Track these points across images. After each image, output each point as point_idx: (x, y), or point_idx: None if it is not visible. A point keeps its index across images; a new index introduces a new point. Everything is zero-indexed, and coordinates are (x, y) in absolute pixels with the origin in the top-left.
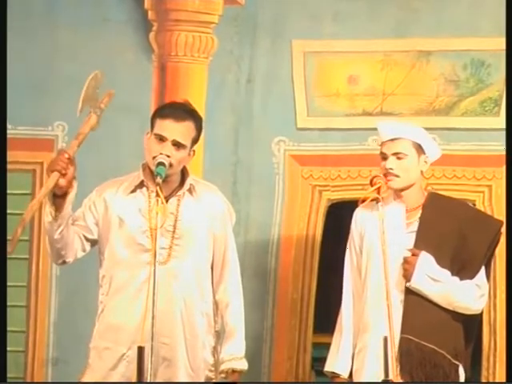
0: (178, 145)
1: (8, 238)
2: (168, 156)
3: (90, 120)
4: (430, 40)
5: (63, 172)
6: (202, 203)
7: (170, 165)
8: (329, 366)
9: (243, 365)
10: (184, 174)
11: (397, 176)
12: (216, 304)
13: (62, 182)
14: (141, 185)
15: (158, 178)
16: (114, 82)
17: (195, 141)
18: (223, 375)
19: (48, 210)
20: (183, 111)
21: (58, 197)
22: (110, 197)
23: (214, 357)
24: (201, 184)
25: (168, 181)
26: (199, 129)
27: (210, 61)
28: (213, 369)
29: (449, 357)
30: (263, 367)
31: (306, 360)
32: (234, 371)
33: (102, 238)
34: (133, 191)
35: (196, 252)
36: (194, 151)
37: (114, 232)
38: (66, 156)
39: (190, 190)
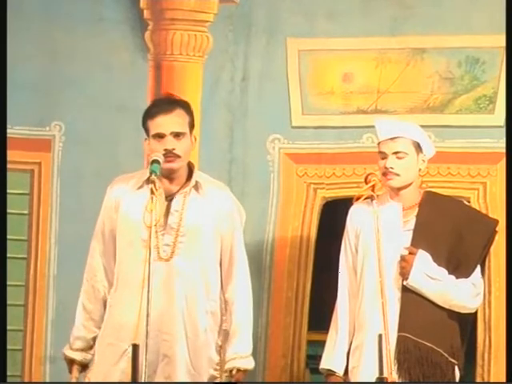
0: (177, 135)
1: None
2: (173, 149)
3: None
4: (425, 37)
5: None
6: (209, 201)
7: (178, 156)
8: (324, 364)
9: (248, 363)
10: (191, 169)
11: (397, 175)
12: (225, 303)
13: None
14: (148, 181)
15: (153, 175)
16: (110, 81)
17: (192, 125)
18: (226, 374)
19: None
20: (169, 103)
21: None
22: (119, 193)
23: (219, 356)
24: (209, 181)
25: (175, 177)
26: (191, 113)
27: (205, 59)
28: (218, 368)
29: (446, 355)
30: (258, 365)
31: (300, 358)
32: (238, 370)
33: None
34: (140, 187)
35: (202, 250)
36: (195, 137)
37: (120, 227)
38: None
39: (196, 187)
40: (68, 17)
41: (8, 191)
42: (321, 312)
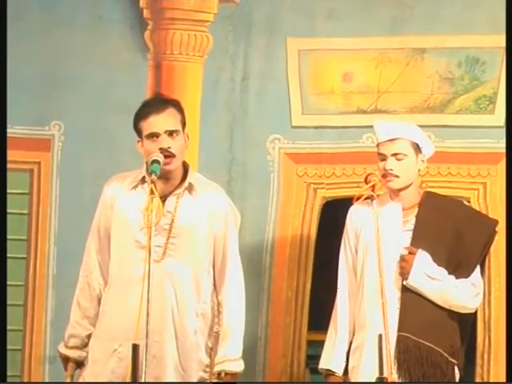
0: (171, 133)
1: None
2: (169, 147)
3: None
4: (425, 37)
5: None
6: (202, 202)
7: (174, 155)
8: (323, 364)
9: (237, 366)
10: (186, 170)
11: (397, 176)
12: (218, 305)
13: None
14: (142, 181)
15: (153, 175)
16: (110, 80)
17: (184, 123)
18: (214, 376)
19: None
20: (160, 102)
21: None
22: (114, 191)
23: (210, 358)
24: (204, 183)
25: (170, 177)
26: (182, 111)
27: (205, 59)
28: (208, 370)
29: (446, 355)
30: (258, 365)
31: (300, 358)
32: (226, 373)
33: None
34: (135, 187)
35: (194, 252)
36: (187, 135)
37: (113, 227)
38: None
39: (189, 189)
40: (68, 16)
41: (8, 191)
42: (321, 312)
